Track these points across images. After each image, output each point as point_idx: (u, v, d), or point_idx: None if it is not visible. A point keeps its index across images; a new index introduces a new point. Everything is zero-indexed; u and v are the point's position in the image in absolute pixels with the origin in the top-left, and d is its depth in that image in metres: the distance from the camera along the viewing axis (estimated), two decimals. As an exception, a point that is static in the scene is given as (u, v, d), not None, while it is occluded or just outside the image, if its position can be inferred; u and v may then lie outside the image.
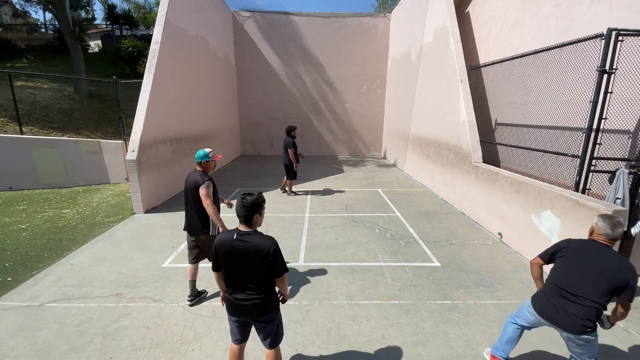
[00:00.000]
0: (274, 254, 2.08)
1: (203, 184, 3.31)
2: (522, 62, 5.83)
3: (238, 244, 2.07)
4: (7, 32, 22.77)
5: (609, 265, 2.14)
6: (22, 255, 4.64)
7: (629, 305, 2.12)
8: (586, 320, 2.13)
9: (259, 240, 2.09)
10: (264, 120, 14.19)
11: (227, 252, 2.10)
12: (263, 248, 2.06)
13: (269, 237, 2.14)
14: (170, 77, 7.68)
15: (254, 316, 2.19)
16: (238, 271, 2.12)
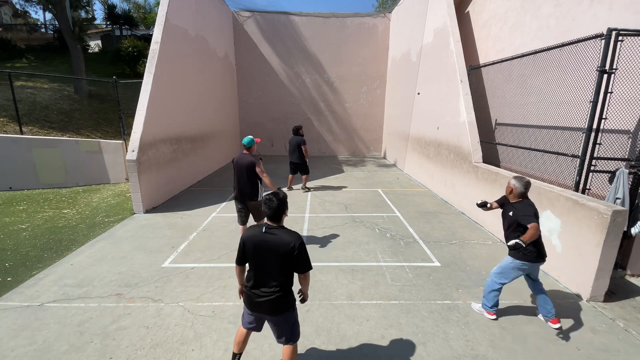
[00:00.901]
0: (299, 248, 2.18)
1: (257, 162, 4.41)
2: (522, 62, 5.83)
3: (266, 236, 2.20)
4: (7, 32, 22.78)
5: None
6: (22, 255, 4.64)
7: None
8: None
9: (286, 234, 2.22)
10: (264, 120, 14.19)
11: (255, 244, 2.22)
12: (289, 242, 2.17)
13: (295, 232, 2.26)
14: (170, 77, 7.67)
15: (269, 312, 2.27)
16: (262, 264, 2.22)
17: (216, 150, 11.08)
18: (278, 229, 2.23)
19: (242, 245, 2.29)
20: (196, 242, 5.15)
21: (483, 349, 2.93)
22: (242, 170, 4.43)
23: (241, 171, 4.44)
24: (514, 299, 3.71)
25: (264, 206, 2.24)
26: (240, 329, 2.53)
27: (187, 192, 8.09)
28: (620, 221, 3.42)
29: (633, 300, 3.72)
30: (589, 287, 3.63)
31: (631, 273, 4.23)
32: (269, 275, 2.22)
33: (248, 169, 4.39)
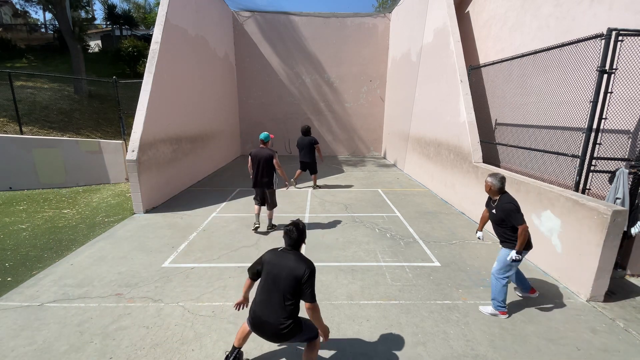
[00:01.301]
0: (309, 276, 2.27)
1: (275, 155, 5.24)
2: (522, 62, 5.83)
3: (282, 255, 2.38)
4: (7, 32, 22.78)
5: None
6: (22, 255, 4.64)
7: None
8: None
9: (300, 259, 2.34)
10: (264, 120, 14.18)
11: (271, 262, 2.38)
12: (301, 267, 2.27)
13: (309, 261, 2.36)
14: (170, 77, 7.67)
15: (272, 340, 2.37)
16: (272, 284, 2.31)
17: (216, 150, 11.08)
18: (295, 253, 2.38)
19: (260, 261, 2.46)
20: (196, 242, 5.15)
21: (483, 349, 2.93)
22: (260, 161, 5.18)
23: (259, 162, 5.19)
24: (514, 298, 3.71)
25: (284, 235, 2.42)
26: (244, 326, 2.54)
27: (187, 192, 8.09)
28: (620, 221, 3.42)
29: (633, 300, 3.72)
30: (589, 287, 3.62)
31: (631, 273, 4.23)
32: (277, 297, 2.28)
33: (266, 160, 5.17)
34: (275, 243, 5.12)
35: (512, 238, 3.23)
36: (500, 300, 3.36)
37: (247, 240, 5.24)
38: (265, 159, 5.19)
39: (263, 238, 5.32)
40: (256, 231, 5.46)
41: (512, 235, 3.24)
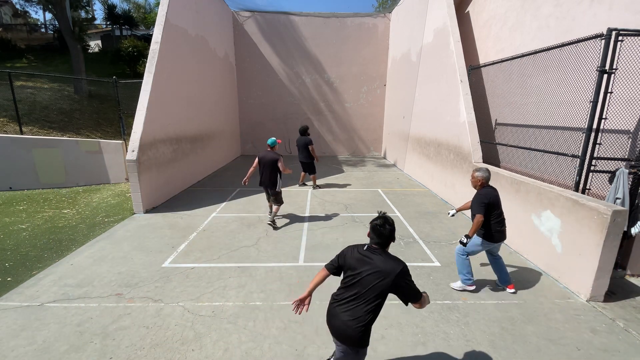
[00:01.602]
0: (405, 274, 2.01)
1: (280, 159, 5.54)
2: (522, 62, 5.83)
3: (371, 255, 2.06)
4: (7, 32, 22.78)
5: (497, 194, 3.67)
6: (22, 255, 4.64)
7: None
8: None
9: (392, 259, 2.05)
10: (264, 120, 14.18)
11: (356, 259, 2.09)
12: (394, 267, 2.00)
13: (399, 259, 2.07)
14: (170, 77, 7.67)
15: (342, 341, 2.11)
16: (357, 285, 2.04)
17: (216, 150, 11.08)
18: (383, 252, 2.08)
19: (342, 256, 2.18)
20: (196, 242, 5.15)
21: (483, 349, 2.93)
22: (266, 164, 5.53)
23: (265, 165, 5.54)
24: (514, 299, 3.71)
25: (371, 231, 2.11)
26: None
27: (187, 192, 8.09)
28: (620, 221, 3.42)
29: (633, 300, 3.72)
30: (589, 287, 3.63)
31: (631, 273, 4.23)
32: (360, 299, 2.03)
33: (271, 163, 5.50)
34: (276, 243, 5.12)
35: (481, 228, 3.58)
36: (465, 273, 3.69)
37: (247, 240, 5.24)
38: (270, 162, 5.51)
39: (263, 238, 5.32)
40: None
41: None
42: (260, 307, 3.50)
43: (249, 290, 3.82)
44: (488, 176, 3.64)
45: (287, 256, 4.69)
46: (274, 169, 5.52)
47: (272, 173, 5.54)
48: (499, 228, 3.58)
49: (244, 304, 3.55)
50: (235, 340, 2.99)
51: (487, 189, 3.62)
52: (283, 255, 4.70)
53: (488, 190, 3.61)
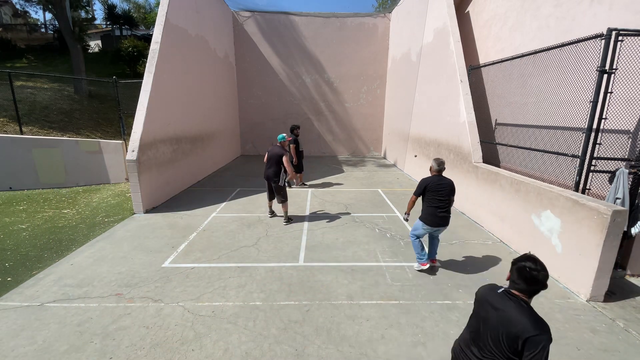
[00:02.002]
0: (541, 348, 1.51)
1: (285, 154, 5.68)
2: (522, 62, 5.83)
3: (497, 301, 1.72)
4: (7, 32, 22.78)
5: (447, 183, 3.96)
6: (22, 255, 4.64)
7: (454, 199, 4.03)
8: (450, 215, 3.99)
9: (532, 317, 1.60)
10: (264, 120, 14.18)
11: (480, 300, 1.82)
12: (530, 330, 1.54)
13: (545, 324, 1.58)
14: (170, 77, 7.67)
15: None
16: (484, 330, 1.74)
17: (216, 150, 11.08)
18: (524, 303, 1.66)
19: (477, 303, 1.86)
20: (196, 242, 5.15)
21: (483, 349, 2.93)
22: (272, 158, 5.75)
23: (271, 159, 5.76)
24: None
25: (516, 274, 1.73)
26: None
27: (187, 192, 8.09)
28: (620, 221, 3.42)
29: (633, 300, 3.72)
30: (589, 287, 3.63)
31: (631, 273, 4.23)
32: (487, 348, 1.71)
33: (277, 158, 5.70)
34: (276, 243, 5.12)
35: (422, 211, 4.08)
36: (417, 253, 4.15)
37: (247, 240, 5.24)
38: (275, 156, 5.72)
39: (263, 238, 5.32)
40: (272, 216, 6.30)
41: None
42: (260, 307, 3.50)
43: (249, 290, 3.82)
44: (436, 166, 3.99)
45: (287, 256, 4.69)
46: (278, 163, 5.71)
47: (276, 167, 5.73)
48: (433, 213, 3.93)
49: (244, 304, 3.55)
50: (235, 340, 2.99)
51: (432, 176, 4.01)
52: (283, 255, 4.70)
53: (432, 177, 4.00)
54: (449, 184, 3.96)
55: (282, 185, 5.81)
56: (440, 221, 3.94)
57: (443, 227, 4.01)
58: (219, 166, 11.38)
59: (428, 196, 3.96)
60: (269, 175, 5.80)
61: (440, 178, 3.98)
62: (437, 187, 3.91)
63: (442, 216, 3.93)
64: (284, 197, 5.87)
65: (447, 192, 3.92)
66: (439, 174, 4.01)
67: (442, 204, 3.91)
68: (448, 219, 3.99)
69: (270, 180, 5.83)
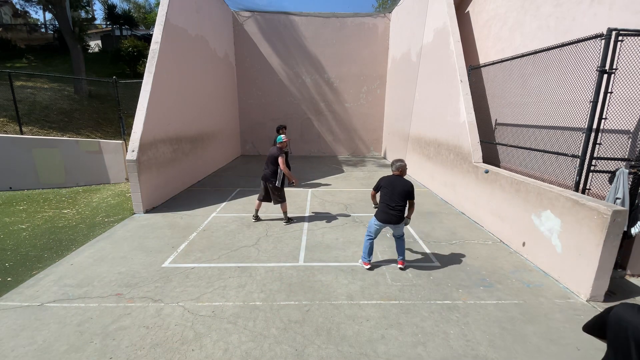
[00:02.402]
0: None
1: (280, 155, 5.64)
2: (522, 62, 5.83)
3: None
4: (7, 32, 22.77)
5: (401, 184, 4.06)
6: (22, 255, 4.64)
7: (413, 202, 4.11)
8: (401, 216, 4.08)
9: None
10: (264, 120, 14.18)
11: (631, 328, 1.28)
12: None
13: None
14: (170, 77, 7.67)
15: None
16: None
17: (216, 150, 11.08)
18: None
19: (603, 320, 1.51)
20: (196, 242, 5.15)
21: (483, 349, 2.93)
22: (269, 158, 5.78)
23: (268, 159, 5.78)
24: (513, 298, 3.71)
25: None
26: None
27: (187, 192, 8.09)
28: (620, 221, 3.42)
29: (633, 300, 3.72)
30: (589, 287, 3.63)
31: (631, 273, 4.23)
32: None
33: (272, 157, 5.72)
34: (276, 243, 5.12)
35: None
36: (363, 252, 4.30)
37: (247, 240, 5.24)
38: (271, 156, 5.75)
39: (263, 238, 5.32)
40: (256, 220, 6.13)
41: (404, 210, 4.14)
42: (260, 307, 3.50)
43: (249, 290, 3.82)
44: (393, 166, 4.22)
45: (287, 256, 4.69)
46: (274, 163, 5.71)
47: (272, 167, 5.73)
48: (383, 210, 4.08)
49: (244, 304, 3.55)
50: (235, 340, 2.99)
51: (391, 175, 4.20)
52: (283, 255, 4.70)
53: (391, 176, 4.19)
54: (403, 187, 4.03)
55: (279, 186, 5.75)
56: (387, 218, 4.04)
57: (391, 224, 4.10)
58: (219, 166, 11.38)
59: (382, 192, 4.15)
60: (266, 175, 5.77)
61: (397, 179, 4.11)
62: (391, 186, 4.07)
63: (391, 214, 4.03)
64: (281, 198, 5.84)
65: (398, 192, 4.01)
66: (399, 175, 4.16)
67: (393, 204, 4.02)
68: (396, 218, 4.05)
69: (267, 180, 5.78)
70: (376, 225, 4.16)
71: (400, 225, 4.14)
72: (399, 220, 4.08)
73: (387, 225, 4.13)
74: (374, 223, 4.19)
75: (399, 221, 4.08)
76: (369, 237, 4.24)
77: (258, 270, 4.28)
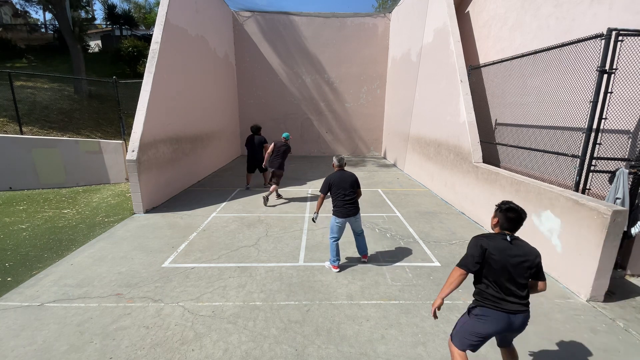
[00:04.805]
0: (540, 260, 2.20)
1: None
2: (522, 62, 5.83)
3: (512, 248, 2.18)
4: (7, 32, 22.75)
5: (348, 176, 4.24)
6: (22, 255, 4.64)
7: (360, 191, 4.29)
8: (357, 206, 4.23)
9: (529, 245, 2.23)
10: (264, 120, 14.14)
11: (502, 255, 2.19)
12: (536, 253, 2.19)
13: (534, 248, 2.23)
14: (170, 77, 7.67)
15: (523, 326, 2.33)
16: (511, 275, 2.21)
17: (216, 150, 11.08)
18: (520, 240, 2.23)
19: (481, 251, 2.26)
20: (196, 242, 5.15)
21: (483, 349, 2.93)
22: (279, 150, 7.14)
23: (278, 151, 7.13)
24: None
25: (501, 214, 2.26)
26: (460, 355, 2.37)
27: (187, 192, 8.09)
28: (620, 221, 3.42)
29: (633, 300, 3.72)
30: (589, 287, 3.63)
31: (631, 273, 4.23)
32: (519, 286, 2.24)
33: (283, 151, 7.15)
34: (276, 243, 5.12)
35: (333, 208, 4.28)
36: (331, 256, 4.26)
37: (247, 240, 5.24)
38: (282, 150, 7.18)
39: (263, 238, 5.32)
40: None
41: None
42: (260, 307, 3.50)
43: (249, 290, 3.82)
44: (337, 163, 4.31)
45: (287, 256, 4.69)
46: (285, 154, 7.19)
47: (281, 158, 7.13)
48: (341, 205, 4.14)
49: (244, 304, 3.55)
50: (235, 340, 2.99)
51: (334, 173, 4.28)
52: (283, 255, 4.70)
53: (334, 173, 4.27)
54: (351, 177, 4.23)
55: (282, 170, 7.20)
56: (347, 212, 4.14)
57: (352, 217, 4.19)
58: (219, 166, 11.38)
59: (334, 191, 4.19)
60: (275, 164, 7.12)
61: (342, 173, 4.27)
62: (340, 181, 4.18)
63: (349, 207, 4.14)
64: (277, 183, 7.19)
65: (350, 184, 4.17)
66: (341, 169, 4.31)
67: (348, 197, 4.14)
68: (355, 209, 4.18)
69: (274, 167, 7.13)
70: (337, 224, 4.18)
71: (359, 217, 4.27)
72: (357, 211, 4.21)
73: (348, 221, 4.21)
74: (335, 223, 4.21)
75: (357, 211, 4.22)
76: (334, 239, 4.22)
77: (258, 270, 4.29)
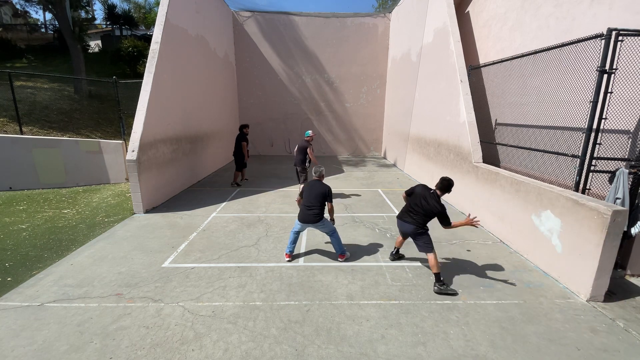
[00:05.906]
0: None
1: (310, 147, 7.27)
2: (522, 62, 5.83)
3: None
4: (7, 32, 22.75)
5: (317, 187, 4.46)
6: (22, 255, 4.64)
7: (331, 205, 4.53)
8: (317, 216, 4.36)
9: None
10: (264, 120, 14.19)
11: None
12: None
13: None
14: (170, 77, 7.67)
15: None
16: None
17: (216, 150, 11.08)
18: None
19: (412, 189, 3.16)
20: (196, 242, 5.15)
21: (483, 349, 2.93)
22: (299, 149, 7.25)
23: (298, 150, 7.26)
24: (513, 298, 3.71)
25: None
26: None
27: (187, 192, 8.09)
28: (620, 221, 3.42)
29: (633, 300, 3.72)
30: (589, 287, 3.63)
31: (631, 273, 4.23)
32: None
33: (302, 148, 7.25)
34: (276, 243, 5.12)
35: None
36: (290, 243, 4.55)
37: (247, 240, 5.24)
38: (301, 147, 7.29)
39: (263, 238, 5.32)
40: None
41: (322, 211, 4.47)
42: (260, 307, 3.50)
43: (249, 290, 3.82)
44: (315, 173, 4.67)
45: (287, 256, 4.69)
46: (304, 153, 7.21)
47: (301, 156, 7.25)
48: (302, 210, 4.44)
49: (244, 304, 3.55)
50: (235, 340, 2.99)
51: (311, 180, 4.65)
52: (283, 255, 4.70)
53: (311, 181, 4.64)
54: (318, 189, 4.42)
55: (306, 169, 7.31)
56: (305, 217, 4.36)
57: (310, 224, 4.38)
58: (219, 166, 11.39)
59: (302, 195, 4.53)
60: (297, 162, 7.31)
61: (316, 183, 4.54)
62: (308, 190, 4.47)
63: (308, 214, 4.35)
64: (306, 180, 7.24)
65: (314, 195, 4.38)
66: (318, 180, 4.60)
67: (309, 204, 4.37)
68: (313, 217, 4.34)
69: (297, 165, 7.33)
70: (297, 223, 4.48)
71: (324, 224, 4.42)
72: (316, 220, 4.35)
73: (308, 225, 4.41)
74: (297, 222, 4.51)
75: (317, 221, 4.35)
76: (294, 232, 4.55)
77: (258, 270, 4.29)
